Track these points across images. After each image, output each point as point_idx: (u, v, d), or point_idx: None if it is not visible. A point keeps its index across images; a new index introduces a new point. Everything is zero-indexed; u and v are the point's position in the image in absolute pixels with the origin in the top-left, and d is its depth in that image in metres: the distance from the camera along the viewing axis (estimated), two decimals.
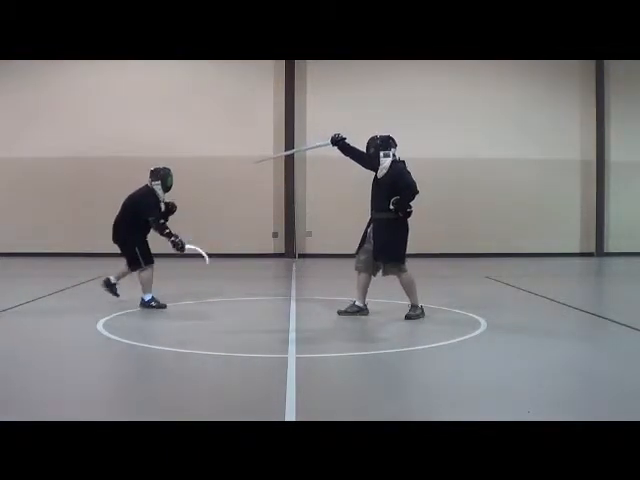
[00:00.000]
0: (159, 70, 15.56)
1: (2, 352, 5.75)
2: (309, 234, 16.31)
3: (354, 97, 16.05)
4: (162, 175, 7.81)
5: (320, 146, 7.73)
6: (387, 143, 7.09)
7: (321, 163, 15.94)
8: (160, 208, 7.87)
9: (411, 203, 6.97)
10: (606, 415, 3.90)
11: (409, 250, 7.16)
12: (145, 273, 7.82)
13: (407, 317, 7.07)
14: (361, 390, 4.64)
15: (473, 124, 16.18)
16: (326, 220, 16.05)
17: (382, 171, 7.07)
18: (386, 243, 7.01)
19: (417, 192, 6.94)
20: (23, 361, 5.40)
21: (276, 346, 5.88)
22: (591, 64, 16.44)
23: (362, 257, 7.23)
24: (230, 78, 15.97)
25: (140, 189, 7.95)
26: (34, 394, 4.40)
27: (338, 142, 7.29)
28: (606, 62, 16.39)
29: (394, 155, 7.09)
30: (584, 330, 7.11)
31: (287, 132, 16.05)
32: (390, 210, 6.91)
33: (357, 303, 7.33)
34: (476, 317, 7.19)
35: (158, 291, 8.28)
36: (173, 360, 5.54)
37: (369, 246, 7.15)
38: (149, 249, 7.90)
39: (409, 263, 7.15)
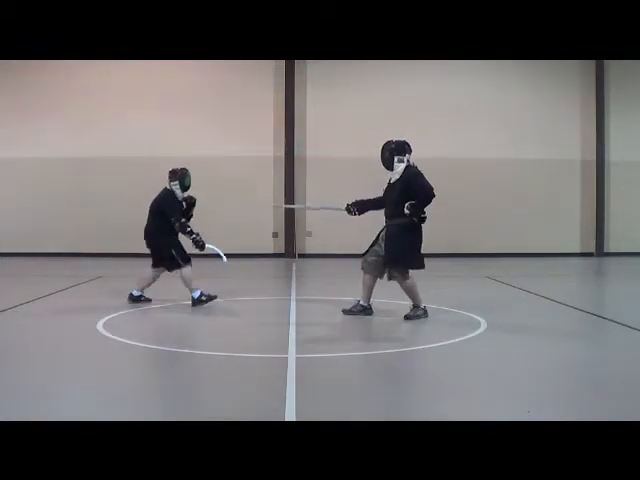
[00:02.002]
0: (159, 70, 15.54)
1: (2, 352, 5.75)
2: (309, 234, 16.30)
3: (354, 97, 16.04)
4: (180, 175, 8.02)
5: (334, 209, 7.67)
6: (402, 148, 6.99)
7: (321, 163, 15.95)
8: (181, 207, 8.05)
9: (426, 209, 6.87)
10: (606, 415, 3.90)
11: None
12: (185, 271, 7.94)
13: (406, 317, 7.06)
14: (361, 390, 4.64)
15: (473, 124, 16.17)
16: (326, 220, 16.03)
17: (395, 176, 7.00)
18: (398, 250, 6.89)
19: (434, 196, 6.82)
20: (23, 361, 5.40)
21: (276, 346, 5.88)
22: (591, 64, 16.43)
23: (369, 259, 7.18)
24: (230, 78, 15.95)
25: (160, 192, 8.15)
26: (34, 394, 4.39)
27: (351, 210, 7.34)
28: (606, 62, 16.38)
29: (408, 161, 7.00)
30: (584, 330, 7.10)
31: (287, 132, 16.04)
32: (404, 215, 6.79)
33: (362, 303, 7.32)
34: (476, 317, 7.19)
35: (158, 290, 8.29)
36: (172, 360, 5.54)
37: (379, 249, 7.07)
38: (184, 248, 8.04)
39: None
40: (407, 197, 6.81)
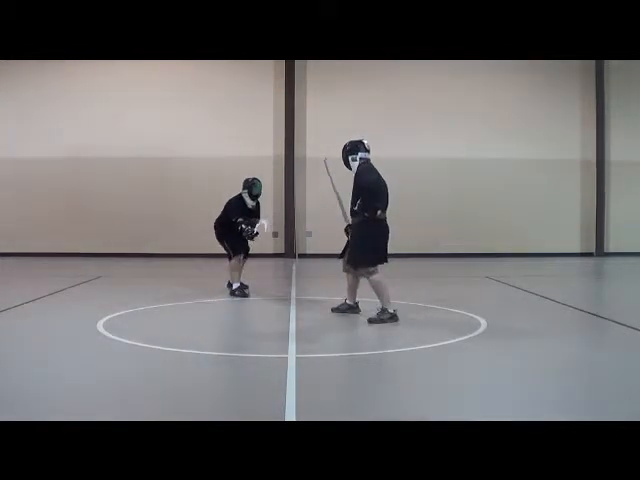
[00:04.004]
0: (159, 70, 15.55)
1: (2, 352, 5.75)
2: (309, 234, 16.30)
3: (354, 97, 16.04)
4: (249, 185, 9.17)
5: (343, 214, 7.53)
6: (355, 147, 7.10)
7: (321, 163, 15.91)
8: (243, 210, 9.01)
9: (390, 202, 6.93)
10: (606, 415, 3.90)
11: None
12: (232, 261, 9.04)
13: (370, 321, 6.93)
14: (361, 390, 4.64)
15: (473, 124, 16.17)
16: (326, 220, 16.01)
17: (353, 175, 7.11)
18: (354, 247, 7.05)
19: (371, 190, 6.81)
20: (23, 361, 5.40)
21: (276, 346, 5.88)
22: (591, 64, 16.43)
23: (346, 259, 7.34)
24: (230, 78, 15.95)
25: (235, 196, 9.18)
26: (33, 394, 4.39)
27: (347, 231, 7.34)
28: (606, 62, 16.39)
29: (361, 159, 7.05)
30: (584, 330, 7.10)
31: (287, 132, 16.04)
32: (359, 213, 6.89)
33: (347, 302, 7.48)
34: (476, 317, 7.19)
35: (160, 290, 8.29)
36: (173, 360, 5.54)
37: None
38: (239, 243, 9.01)
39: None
40: (357, 194, 6.91)
